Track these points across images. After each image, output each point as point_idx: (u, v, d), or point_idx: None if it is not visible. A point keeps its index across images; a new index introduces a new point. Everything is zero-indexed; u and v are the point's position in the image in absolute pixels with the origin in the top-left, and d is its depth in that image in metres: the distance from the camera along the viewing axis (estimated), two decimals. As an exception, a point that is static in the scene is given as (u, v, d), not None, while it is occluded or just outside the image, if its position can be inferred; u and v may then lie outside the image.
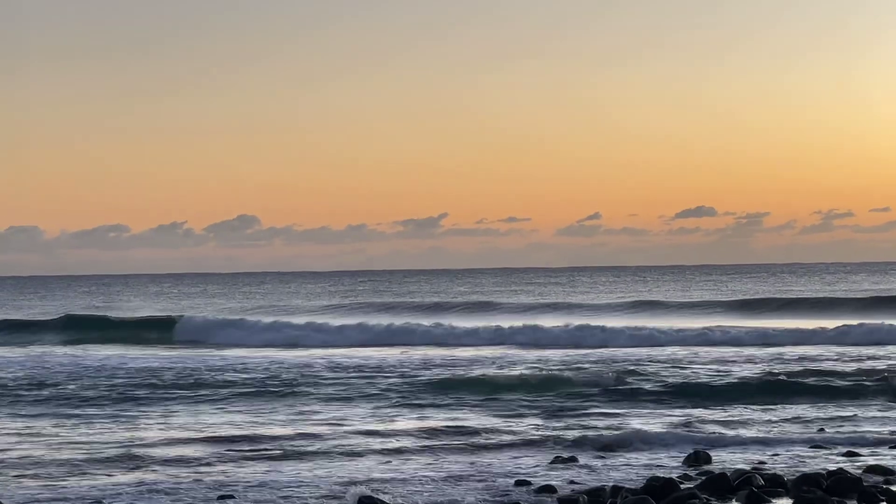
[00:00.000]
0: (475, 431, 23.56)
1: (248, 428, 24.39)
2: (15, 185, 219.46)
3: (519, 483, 18.22)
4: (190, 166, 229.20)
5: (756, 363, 37.76)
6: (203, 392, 30.90)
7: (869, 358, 38.99)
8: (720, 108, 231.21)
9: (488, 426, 24.27)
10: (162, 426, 24.77)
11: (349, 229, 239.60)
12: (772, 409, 26.70)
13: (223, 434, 23.46)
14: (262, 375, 34.87)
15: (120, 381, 33.61)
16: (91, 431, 24.10)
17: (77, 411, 27.24)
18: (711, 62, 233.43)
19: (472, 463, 20.22)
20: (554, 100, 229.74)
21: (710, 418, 25.32)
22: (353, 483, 18.31)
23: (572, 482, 18.36)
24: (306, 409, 27.50)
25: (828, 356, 40.25)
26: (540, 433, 23.31)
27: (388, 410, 27.16)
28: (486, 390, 30.34)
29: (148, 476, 19.17)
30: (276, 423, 25.21)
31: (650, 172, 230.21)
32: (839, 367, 35.86)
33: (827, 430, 23.45)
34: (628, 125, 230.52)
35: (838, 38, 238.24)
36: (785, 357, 39.83)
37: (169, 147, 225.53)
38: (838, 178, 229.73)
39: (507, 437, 22.84)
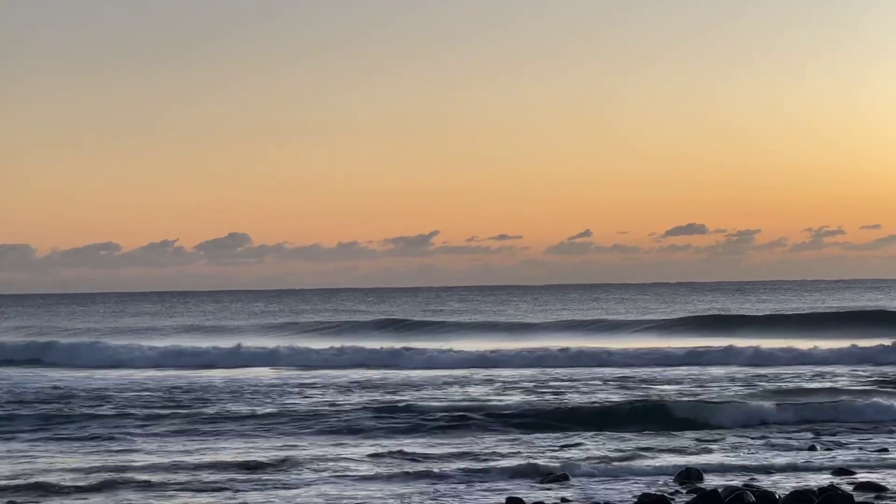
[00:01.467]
0: (452, 455, 23.71)
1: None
2: (6, 204, 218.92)
3: (510, 501, 18.58)
4: (181, 184, 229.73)
5: (735, 381, 38.10)
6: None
7: (847, 376, 39.48)
8: (711, 126, 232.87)
9: (462, 450, 24.34)
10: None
11: (340, 247, 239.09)
12: (758, 428, 27.09)
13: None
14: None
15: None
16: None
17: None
18: (704, 80, 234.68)
19: (460, 483, 20.53)
20: (545, 118, 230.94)
21: (690, 438, 25.67)
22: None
23: (564, 500, 18.75)
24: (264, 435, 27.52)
25: (816, 373, 40.78)
26: (524, 459, 23.43)
27: (350, 437, 26.81)
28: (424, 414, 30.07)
29: None
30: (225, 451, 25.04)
31: (640, 190, 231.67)
32: (828, 384, 36.37)
33: (817, 448, 23.87)
34: (618, 143, 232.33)
35: (832, 57, 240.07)
36: (767, 376, 40.24)
37: (160, 165, 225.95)
38: (829, 196, 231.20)
39: (492, 460, 23.02)
